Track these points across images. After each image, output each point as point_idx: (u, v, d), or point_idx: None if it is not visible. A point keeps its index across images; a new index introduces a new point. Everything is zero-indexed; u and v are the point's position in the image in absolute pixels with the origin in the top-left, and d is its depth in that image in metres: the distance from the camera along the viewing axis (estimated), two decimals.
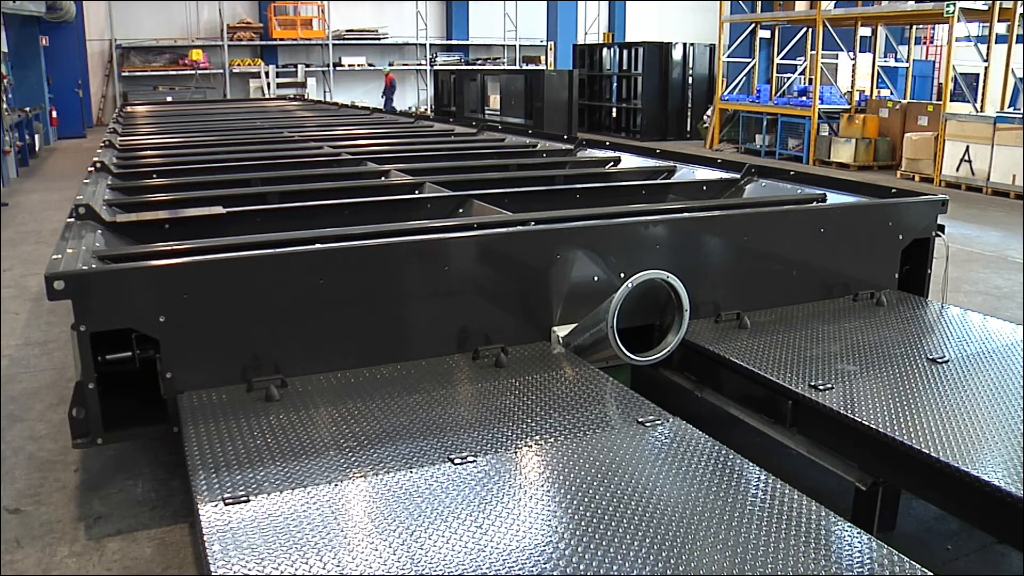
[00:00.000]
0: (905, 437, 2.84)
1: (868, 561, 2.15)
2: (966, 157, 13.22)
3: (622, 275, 3.80)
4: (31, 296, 7.07)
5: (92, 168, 6.13)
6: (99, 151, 7.43)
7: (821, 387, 3.26)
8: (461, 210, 4.92)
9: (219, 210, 4.54)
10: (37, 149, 17.83)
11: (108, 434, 3.31)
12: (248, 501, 2.45)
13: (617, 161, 6.93)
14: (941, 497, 2.87)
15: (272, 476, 2.61)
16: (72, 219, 4.14)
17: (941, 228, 4.57)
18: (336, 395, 3.25)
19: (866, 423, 2.96)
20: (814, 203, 4.89)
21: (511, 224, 4.05)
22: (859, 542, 2.25)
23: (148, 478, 3.94)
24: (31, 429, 4.52)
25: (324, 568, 2.12)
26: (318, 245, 3.58)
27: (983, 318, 4.22)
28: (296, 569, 2.12)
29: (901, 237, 4.50)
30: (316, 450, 2.79)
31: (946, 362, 3.54)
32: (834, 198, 4.97)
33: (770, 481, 2.56)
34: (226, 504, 2.43)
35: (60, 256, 3.41)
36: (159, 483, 3.90)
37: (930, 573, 2.09)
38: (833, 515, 2.38)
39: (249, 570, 2.11)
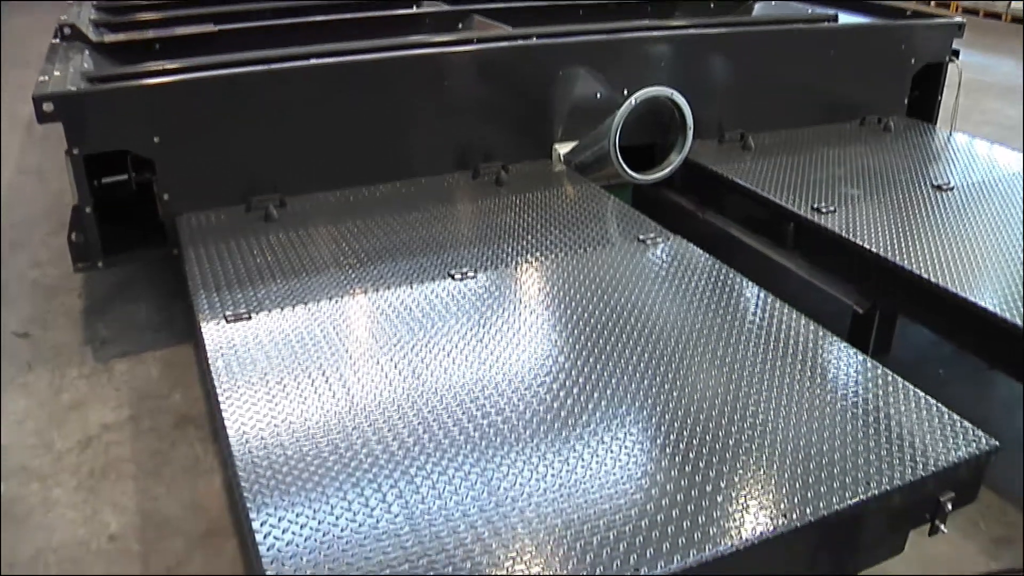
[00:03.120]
0: (905, 261, 2.84)
1: (862, 379, 2.18)
2: None
3: (625, 92, 3.71)
4: (23, 122, 6.93)
5: None
6: None
7: (823, 210, 3.23)
8: (461, 25, 4.76)
9: (211, 28, 4.39)
10: None
11: (108, 258, 3.32)
12: (250, 318, 2.47)
13: None
14: (937, 322, 2.89)
15: (273, 294, 2.62)
16: (57, 40, 4.00)
17: (956, 53, 4.43)
18: (335, 213, 3.24)
19: (866, 246, 2.96)
20: (825, 23, 4.72)
21: (512, 39, 3.92)
22: (854, 361, 2.27)
23: (150, 303, 3.97)
24: (33, 256, 4.52)
25: (327, 382, 2.15)
26: (313, 60, 3.48)
27: (989, 146, 4.15)
28: (299, 383, 2.15)
29: (913, 61, 4.38)
30: (316, 267, 2.79)
31: (950, 189, 3.51)
32: (846, 18, 4.80)
33: (768, 300, 2.57)
34: (228, 322, 2.45)
35: (47, 78, 3.31)
36: (160, 307, 3.93)
37: (921, 392, 2.12)
38: (830, 335, 2.40)
39: (252, 385, 2.14)
